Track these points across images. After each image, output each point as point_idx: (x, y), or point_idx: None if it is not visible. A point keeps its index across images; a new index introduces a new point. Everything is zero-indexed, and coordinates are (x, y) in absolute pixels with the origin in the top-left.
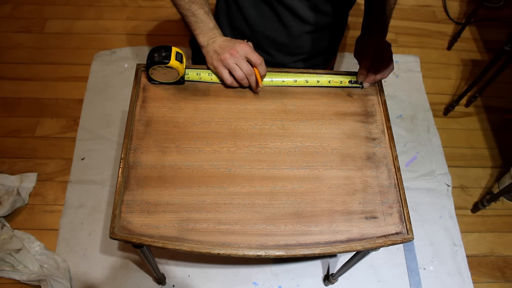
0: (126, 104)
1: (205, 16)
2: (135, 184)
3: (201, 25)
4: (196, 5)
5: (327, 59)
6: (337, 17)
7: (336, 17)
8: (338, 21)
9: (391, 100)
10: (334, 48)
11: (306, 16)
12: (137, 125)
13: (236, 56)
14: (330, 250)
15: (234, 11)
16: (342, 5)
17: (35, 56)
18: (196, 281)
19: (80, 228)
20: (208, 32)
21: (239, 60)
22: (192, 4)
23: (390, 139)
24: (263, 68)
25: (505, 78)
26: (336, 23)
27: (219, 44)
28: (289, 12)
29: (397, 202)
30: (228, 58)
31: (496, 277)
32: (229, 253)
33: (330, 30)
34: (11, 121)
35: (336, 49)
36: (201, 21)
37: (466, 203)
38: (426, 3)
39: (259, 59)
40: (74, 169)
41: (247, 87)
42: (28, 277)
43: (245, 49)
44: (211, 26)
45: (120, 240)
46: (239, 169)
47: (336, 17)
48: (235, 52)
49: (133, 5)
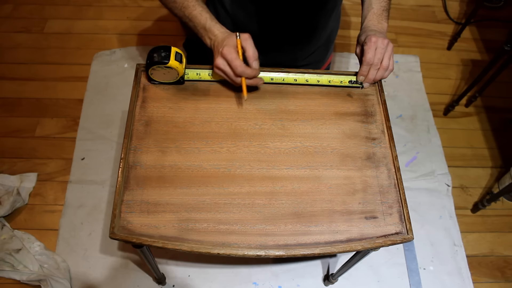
0: (126, 104)
1: (198, 17)
2: (135, 184)
3: (199, 28)
4: (188, 9)
5: (325, 46)
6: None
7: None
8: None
9: (391, 100)
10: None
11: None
12: (137, 125)
13: (225, 63)
14: (330, 250)
15: (223, 15)
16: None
17: (35, 56)
18: (196, 281)
19: (80, 228)
20: (207, 33)
21: (227, 68)
22: (185, 10)
23: (390, 139)
24: (250, 72)
25: (505, 78)
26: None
27: (215, 48)
28: (273, 5)
29: (397, 202)
30: (220, 64)
31: (496, 277)
32: (229, 253)
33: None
34: (11, 121)
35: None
36: (198, 24)
37: (466, 203)
38: (426, 3)
39: (238, 68)
40: (74, 169)
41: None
42: (28, 277)
43: (227, 55)
44: (206, 26)
45: (120, 240)
46: (239, 169)
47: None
48: (222, 60)
49: (133, 5)
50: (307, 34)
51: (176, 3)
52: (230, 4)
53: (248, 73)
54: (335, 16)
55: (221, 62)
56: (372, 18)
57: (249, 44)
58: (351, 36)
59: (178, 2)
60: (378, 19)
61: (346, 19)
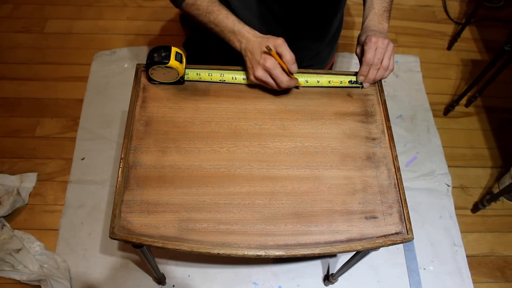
0: (126, 104)
1: (225, 21)
2: (135, 184)
3: (226, 32)
4: (213, 14)
5: (328, 47)
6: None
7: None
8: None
9: (391, 100)
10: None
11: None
12: (137, 125)
13: (267, 76)
14: (330, 250)
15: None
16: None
17: (35, 56)
18: (196, 281)
19: (80, 228)
20: (236, 36)
21: (269, 80)
22: (210, 15)
23: (390, 139)
24: (294, 83)
25: (505, 78)
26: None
27: (249, 54)
28: (279, 5)
29: (397, 202)
30: (261, 76)
31: (496, 277)
32: (229, 253)
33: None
34: (11, 121)
35: (333, 31)
36: (225, 28)
37: (466, 203)
38: (426, 3)
39: (284, 83)
40: (74, 169)
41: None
42: (28, 277)
43: (272, 70)
44: (234, 29)
45: (120, 240)
46: (239, 169)
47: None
48: (264, 72)
49: (133, 5)
50: (314, 34)
51: (200, 10)
52: (235, 4)
53: (292, 84)
54: (340, 15)
55: (263, 75)
56: (373, 18)
57: (285, 49)
58: (351, 36)
59: (202, 8)
60: (379, 19)
61: (347, 19)
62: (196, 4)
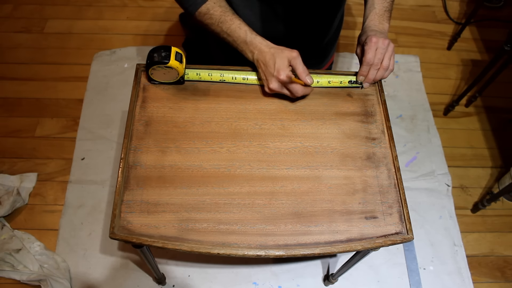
0: (126, 104)
1: (237, 31)
2: (135, 184)
3: (239, 42)
4: (226, 24)
5: (327, 46)
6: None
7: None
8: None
9: (391, 100)
10: (329, 29)
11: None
12: (137, 125)
13: (281, 86)
14: (330, 250)
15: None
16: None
17: (35, 56)
18: (196, 281)
19: (80, 228)
20: (248, 46)
21: (284, 91)
22: (222, 25)
23: (390, 139)
24: (309, 91)
25: (505, 78)
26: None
27: (262, 66)
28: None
29: (397, 202)
30: (276, 88)
31: (496, 277)
32: (229, 253)
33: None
34: (11, 121)
35: (333, 31)
36: (237, 39)
37: (466, 203)
38: (426, 3)
39: (299, 93)
40: (74, 169)
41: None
42: (28, 277)
43: (285, 77)
44: (246, 40)
45: (120, 240)
46: (239, 169)
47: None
48: (279, 84)
49: (133, 5)
50: (314, 33)
51: (213, 19)
52: (237, 3)
53: (308, 92)
54: (340, 15)
55: (278, 86)
56: (373, 18)
57: (299, 62)
58: (352, 36)
59: (215, 18)
60: (379, 19)
61: (347, 19)
62: (209, 13)
